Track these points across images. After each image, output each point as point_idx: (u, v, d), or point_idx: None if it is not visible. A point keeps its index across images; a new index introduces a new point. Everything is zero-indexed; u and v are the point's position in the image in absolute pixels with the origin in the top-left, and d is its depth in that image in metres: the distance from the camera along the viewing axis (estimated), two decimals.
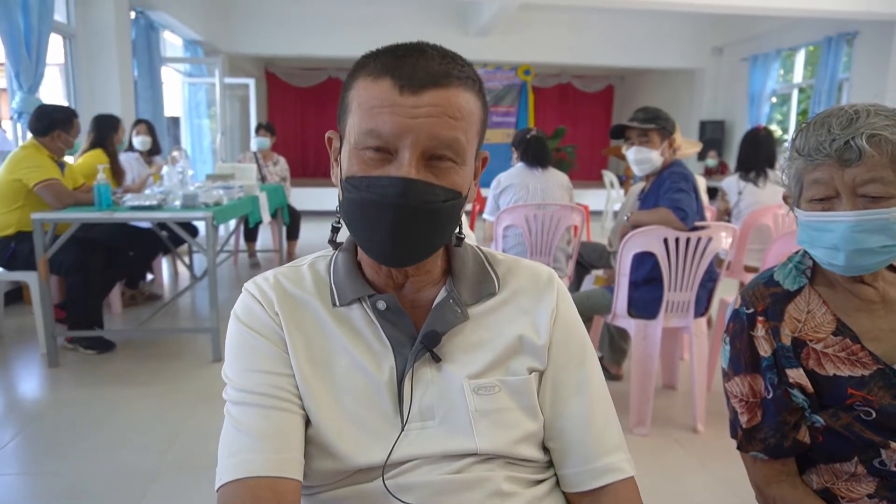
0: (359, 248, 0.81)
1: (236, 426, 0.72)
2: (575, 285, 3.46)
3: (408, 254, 0.73)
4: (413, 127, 0.67)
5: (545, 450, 0.79)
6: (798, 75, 8.39)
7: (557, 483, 0.80)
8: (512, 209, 3.16)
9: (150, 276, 4.55)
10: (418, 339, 0.75)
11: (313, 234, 6.53)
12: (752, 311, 1.00)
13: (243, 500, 0.67)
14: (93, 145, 4.04)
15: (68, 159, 3.64)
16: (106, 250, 3.38)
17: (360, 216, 0.72)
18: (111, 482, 1.99)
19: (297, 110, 12.06)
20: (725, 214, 3.55)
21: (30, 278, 3.10)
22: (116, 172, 4.06)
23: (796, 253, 1.04)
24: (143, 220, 3.25)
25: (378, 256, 0.74)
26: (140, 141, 4.67)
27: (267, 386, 0.73)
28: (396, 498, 0.70)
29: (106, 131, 4.05)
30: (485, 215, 3.59)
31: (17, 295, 4.19)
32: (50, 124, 3.28)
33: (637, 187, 2.82)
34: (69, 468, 2.07)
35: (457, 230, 0.79)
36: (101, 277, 3.32)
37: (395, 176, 0.68)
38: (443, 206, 0.71)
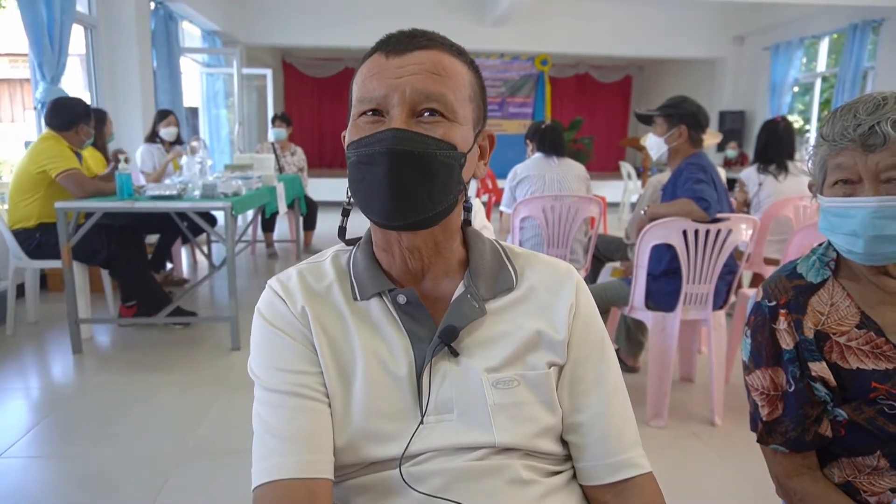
0: (373, 236, 0.81)
1: (267, 428, 0.73)
2: (591, 277, 3.45)
3: (406, 206, 0.72)
4: (399, 85, 0.71)
5: (563, 443, 0.80)
6: (821, 64, 8.24)
7: (574, 475, 0.80)
8: (529, 201, 3.15)
9: (169, 266, 4.61)
10: (436, 333, 0.75)
11: (330, 224, 6.56)
12: (774, 303, 0.99)
13: (278, 500, 0.69)
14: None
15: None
16: (132, 236, 3.44)
17: (359, 176, 0.73)
18: (134, 467, 2.03)
19: (314, 101, 12.10)
20: (745, 206, 3.50)
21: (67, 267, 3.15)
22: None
23: (819, 245, 1.03)
24: (164, 210, 3.29)
25: (378, 214, 0.74)
26: (167, 132, 4.73)
27: (294, 385, 0.74)
28: (412, 488, 0.71)
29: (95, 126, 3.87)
30: (502, 207, 3.58)
31: (41, 283, 4.27)
32: (73, 119, 3.33)
33: (656, 178, 2.81)
34: (92, 452, 2.12)
35: (462, 197, 0.78)
36: (145, 261, 3.43)
37: (386, 128, 0.71)
38: (435, 153, 0.71)
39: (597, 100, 12.96)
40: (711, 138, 2.68)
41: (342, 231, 0.84)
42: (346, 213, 0.82)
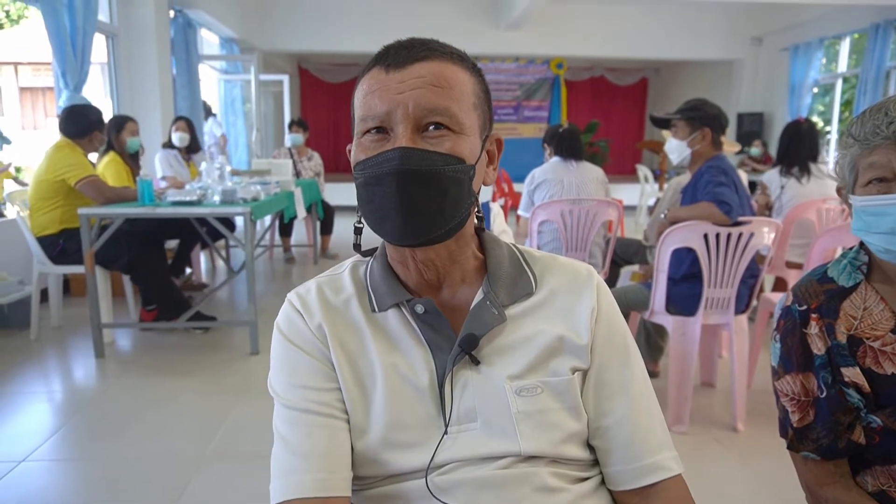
0: (387, 249, 0.81)
1: (285, 445, 0.74)
2: (610, 281, 3.42)
3: (418, 225, 0.71)
4: (401, 101, 0.70)
5: (590, 448, 0.79)
6: (842, 64, 8.12)
7: (603, 481, 0.79)
8: (547, 205, 3.13)
9: (188, 271, 4.65)
10: (457, 342, 0.75)
11: (347, 228, 6.55)
12: (804, 308, 0.97)
13: None
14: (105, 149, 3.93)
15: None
16: (152, 242, 3.48)
17: (368, 197, 0.73)
18: (155, 470, 2.05)
19: (330, 106, 12.16)
20: (766, 209, 3.46)
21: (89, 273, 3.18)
22: (133, 174, 4.03)
23: (850, 249, 1.01)
24: (184, 216, 3.32)
25: (391, 235, 0.73)
26: (178, 137, 4.76)
27: (312, 402, 0.74)
28: (438, 499, 0.71)
29: (109, 133, 3.88)
30: (519, 211, 3.57)
31: (64, 288, 4.33)
32: (88, 126, 3.38)
33: (676, 181, 2.78)
34: (113, 456, 2.14)
35: (474, 209, 0.78)
36: (165, 266, 3.47)
37: (392, 147, 0.70)
38: (444, 170, 0.70)
39: (613, 103, 12.89)
40: (729, 147, 2.65)
41: (357, 247, 0.83)
42: (358, 232, 0.81)
